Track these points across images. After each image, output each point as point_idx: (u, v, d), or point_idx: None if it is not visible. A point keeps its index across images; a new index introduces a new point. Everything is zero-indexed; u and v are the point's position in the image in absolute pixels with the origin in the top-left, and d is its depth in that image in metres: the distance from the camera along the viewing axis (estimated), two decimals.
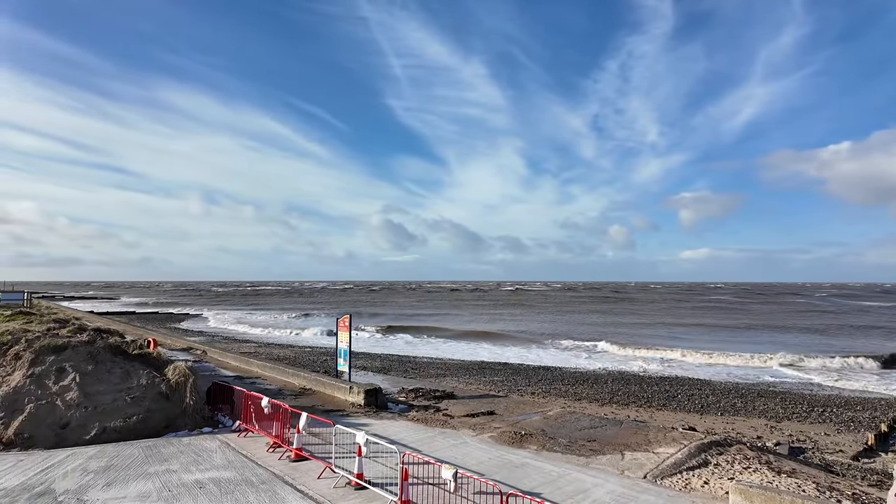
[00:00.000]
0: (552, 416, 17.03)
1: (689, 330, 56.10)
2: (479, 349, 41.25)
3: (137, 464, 11.49)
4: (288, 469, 11.23)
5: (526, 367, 31.85)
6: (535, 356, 36.96)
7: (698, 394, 24.13)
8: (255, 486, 10.17)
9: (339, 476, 10.47)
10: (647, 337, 48.21)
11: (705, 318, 71.74)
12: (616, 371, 30.99)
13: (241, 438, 13.74)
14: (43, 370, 14.06)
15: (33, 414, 13.13)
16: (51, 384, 13.84)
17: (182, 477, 10.66)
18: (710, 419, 19.54)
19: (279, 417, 12.79)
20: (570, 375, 28.87)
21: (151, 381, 14.82)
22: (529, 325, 61.37)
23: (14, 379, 13.74)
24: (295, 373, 23.18)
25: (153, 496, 9.65)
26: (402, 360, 34.61)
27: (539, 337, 47.80)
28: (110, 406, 13.93)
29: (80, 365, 14.46)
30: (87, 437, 13.25)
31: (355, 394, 18.62)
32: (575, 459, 12.05)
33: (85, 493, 9.78)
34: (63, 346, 14.87)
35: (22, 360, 14.22)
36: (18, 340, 14.87)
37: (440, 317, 74.36)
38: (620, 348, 40.19)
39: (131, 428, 13.78)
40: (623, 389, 24.93)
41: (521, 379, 27.51)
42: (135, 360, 15.58)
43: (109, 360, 15.03)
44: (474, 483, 9.36)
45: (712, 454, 12.11)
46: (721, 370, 31.67)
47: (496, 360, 35.65)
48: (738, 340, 46.46)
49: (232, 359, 28.98)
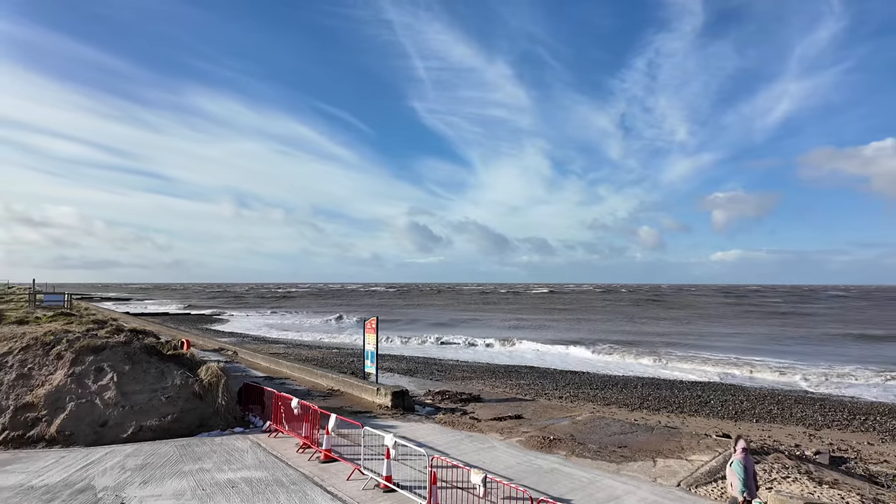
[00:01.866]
0: (581, 420, 16.80)
1: (756, 338, 50.06)
2: (522, 355, 40.98)
3: (172, 462, 11.76)
4: (317, 470, 11.34)
5: (553, 371, 31.52)
6: (622, 369, 36.04)
7: (732, 399, 23.48)
8: (285, 487, 10.30)
9: (368, 478, 10.52)
10: (718, 348, 42.26)
11: (769, 324, 66.43)
12: (647, 376, 30.41)
13: (271, 439, 13.94)
14: (83, 370, 14.54)
15: (74, 412, 13.58)
16: (90, 383, 14.30)
17: (215, 476, 10.87)
18: (744, 426, 18.98)
19: (309, 418, 12.93)
20: (599, 380, 28.45)
21: (185, 381, 15.17)
22: (585, 331, 60.12)
23: (56, 378, 14.23)
24: (323, 374, 23.44)
25: (187, 495, 9.86)
26: (427, 362, 34.65)
27: (612, 348, 42.15)
28: (146, 405, 14.31)
29: (118, 365, 14.90)
30: (125, 435, 13.64)
31: (382, 395, 18.71)
32: (605, 466, 11.85)
33: (123, 490, 10.06)
34: (101, 346, 15.35)
35: (63, 360, 14.73)
36: (60, 341, 15.40)
37: (475, 321, 74.17)
38: (712, 364, 33.83)
39: (166, 427, 14.13)
40: (653, 394, 24.43)
41: (548, 382, 27.23)
42: (169, 361, 15.97)
43: (145, 361, 15.45)
44: (503, 488, 9.28)
45: None
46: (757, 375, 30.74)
47: (523, 363, 35.39)
48: (818, 352, 40.37)
49: (262, 359, 29.48)
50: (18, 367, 14.55)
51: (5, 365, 14.60)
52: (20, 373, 14.41)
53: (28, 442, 13.12)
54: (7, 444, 13.01)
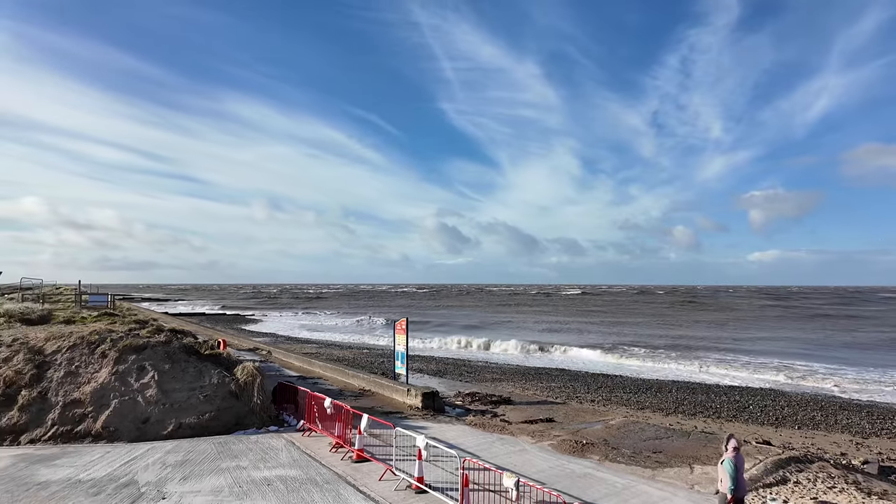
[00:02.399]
0: (614, 425, 16.53)
1: (799, 342, 47.08)
2: (551, 357, 40.65)
3: (210, 459, 12.08)
4: (350, 470, 11.47)
5: (584, 374, 31.10)
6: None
7: (772, 405, 22.71)
8: (319, 486, 10.45)
9: (400, 479, 10.58)
10: (758, 352, 39.96)
11: (813, 328, 62.88)
12: (681, 381, 29.70)
13: (305, 437, 14.17)
14: (126, 368, 15.08)
15: (118, 409, 14.10)
16: (132, 381, 14.82)
17: (251, 474, 11.11)
18: (786, 433, 18.33)
19: (341, 418, 13.10)
20: (632, 383, 27.93)
21: (222, 380, 15.57)
22: (618, 334, 59.34)
23: (101, 376, 14.80)
24: (354, 374, 23.71)
25: (225, 491, 10.11)
26: (457, 363, 34.65)
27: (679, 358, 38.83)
28: (185, 403, 14.74)
29: (159, 364, 15.40)
30: (165, 432, 14.08)
31: (413, 396, 18.80)
32: (640, 471, 11.62)
33: (164, 485, 10.39)
34: (143, 345, 15.89)
35: (108, 359, 15.30)
36: (104, 340, 16.01)
37: (506, 323, 73.89)
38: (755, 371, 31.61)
39: (204, 425, 14.52)
40: (689, 399, 23.84)
41: (579, 385, 26.88)
42: (207, 360, 16.41)
43: (184, 360, 15.92)
44: (536, 492, 9.20)
45: (791, 471, 11.35)
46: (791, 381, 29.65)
47: (553, 365, 35.05)
48: (865, 357, 37.48)
49: (295, 359, 30.02)
50: (66, 365, 15.19)
51: (54, 363, 15.26)
52: (68, 370, 15.04)
53: (75, 437, 13.68)
54: (56, 438, 13.59)
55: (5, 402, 14.13)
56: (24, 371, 14.77)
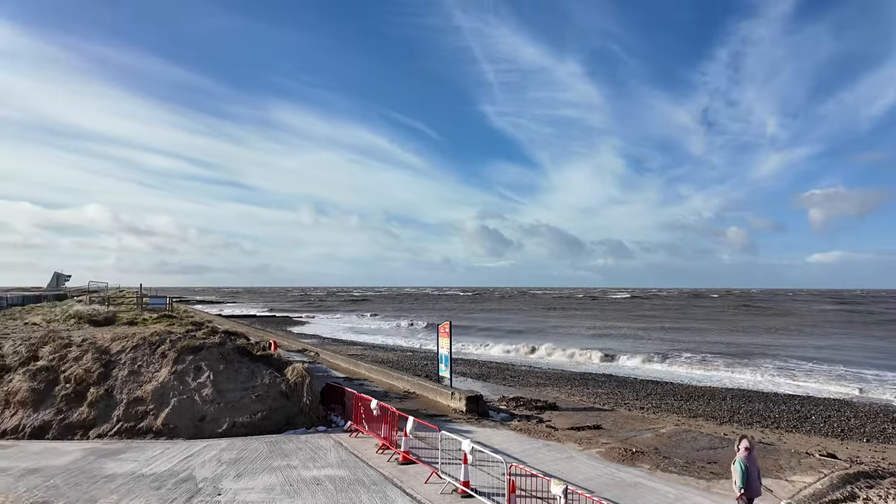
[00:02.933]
0: (665, 433, 16.01)
1: (869, 349, 43.53)
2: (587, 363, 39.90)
3: (262, 458, 12.47)
4: (396, 472, 11.58)
5: (632, 380, 30.30)
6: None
7: (836, 416, 21.42)
8: (366, 487, 10.61)
9: (446, 482, 10.60)
10: (822, 359, 37.26)
11: (884, 334, 57.95)
12: (736, 388, 28.48)
13: (352, 438, 14.42)
14: (184, 368, 15.78)
15: (176, 407, 14.77)
16: (190, 381, 15.49)
17: (301, 473, 11.40)
18: (853, 445, 17.24)
19: (387, 420, 13.25)
20: (683, 390, 26.99)
21: (273, 380, 16.05)
22: (671, 340, 57.77)
23: (161, 375, 15.55)
24: (399, 376, 23.95)
25: (277, 490, 10.42)
26: (500, 367, 34.45)
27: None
28: (238, 403, 15.29)
29: (214, 364, 16.04)
30: (220, 430, 14.64)
31: (457, 400, 18.81)
32: (693, 482, 11.21)
33: (220, 482, 10.80)
34: (199, 346, 16.59)
35: (167, 359, 16.06)
36: (164, 341, 16.81)
37: (554, 329, 73.02)
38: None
39: (256, 424, 15.01)
40: (745, 407, 22.82)
41: (627, 392, 26.19)
42: (258, 361, 16.97)
43: (237, 361, 16.52)
44: (585, 501, 9.01)
45: (860, 487, 10.68)
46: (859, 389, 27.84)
47: (600, 371, 34.33)
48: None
49: (341, 361, 30.61)
50: (130, 365, 16.04)
51: (119, 362, 16.15)
52: (131, 369, 15.87)
53: (138, 433, 14.42)
54: (121, 434, 14.37)
55: (76, 398, 15.06)
56: (92, 370, 15.70)
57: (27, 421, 14.58)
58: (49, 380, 15.47)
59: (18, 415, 14.73)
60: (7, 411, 14.86)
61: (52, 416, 14.67)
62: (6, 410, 14.88)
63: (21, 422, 14.56)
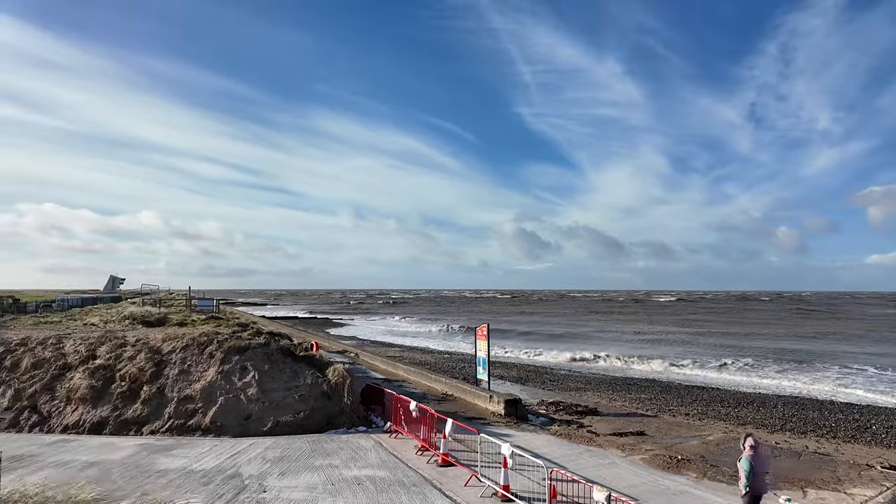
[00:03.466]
0: (712, 441, 15.47)
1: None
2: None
3: (305, 456, 12.75)
4: (436, 473, 11.62)
5: (677, 386, 29.40)
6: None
7: None
8: (406, 488, 10.68)
9: (486, 486, 10.56)
10: (888, 366, 34.24)
11: None
12: (788, 395, 27.23)
13: (391, 439, 14.56)
14: (230, 368, 16.32)
15: (223, 406, 15.27)
16: (236, 380, 16.00)
17: (343, 473, 11.59)
18: None
19: (426, 421, 13.32)
20: (731, 396, 26.00)
21: (315, 380, 16.39)
22: (720, 346, 55.87)
23: (209, 374, 16.12)
24: (437, 378, 24.03)
25: (319, 488, 10.62)
26: (539, 370, 34.08)
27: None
28: (282, 402, 15.68)
29: (259, 364, 16.52)
30: (264, 428, 15.05)
31: (495, 403, 18.72)
32: None
33: (265, 479, 11.10)
34: (245, 347, 17.12)
35: (214, 359, 16.65)
36: (212, 341, 17.43)
37: (596, 334, 71.76)
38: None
39: (299, 423, 15.35)
40: (798, 415, 21.77)
41: (671, 398, 25.44)
42: (301, 362, 17.37)
43: (281, 361, 16.96)
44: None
45: None
46: None
47: (642, 375, 33.49)
48: None
49: (381, 362, 30.97)
50: (180, 364, 16.70)
51: (170, 362, 16.84)
52: (181, 369, 16.53)
53: (188, 430, 14.99)
54: (172, 430, 14.97)
55: (130, 396, 15.80)
56: (145, 369, 16.43)
57: (87, 416, 15.39)
58: (106, 378, 16.29)
59: (79, 411, 15.57)
60: (69, 407, 15.73)
61: (108, 413, 15.44)
62: (68, 406, 15.76)
63: (81, 417, 15.39)
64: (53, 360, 17.22)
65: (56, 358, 17.34)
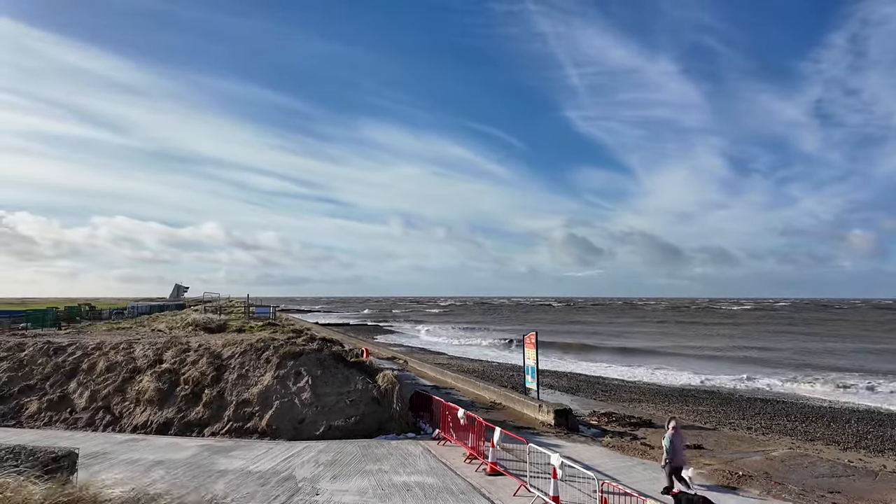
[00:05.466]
0: (777, 457, 14.66)
1: None
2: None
3: (356, 461, 13.01)
4: (484, 482, 11.58)
5: (738, 398, 28.02)
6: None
7: None
8: (455, 495, 10.71)
9: (535, 496, 10.44)
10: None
11: None
12: (862, 409, 25.42)
13: (440, 446, 14.63)
14: (285, 373, 16.89)
15: (279, 409, 15.82)
16: (291, 385, 16.54)
17: (392, 478, 11.75)
18: None
19: (474, 430, 13.30)
20: (798, 410, 24.53)
21: (365, 386, 16.72)
22: (806, 354, 52.38)
23: (265, 379, 16.75)
24: (485, 386, 23.95)
25: (369, 493, 10.81)
26: (590, 380, 33.30)
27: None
28: (334, 407, 16.08)
29: (312, 369, 17.01)
30: (317, 432, 15.46)
31: (545, 413, 18.46)
32: None
33: (317, 482, 11.41)
34: (299, 352, 17.69)
35: (271, 364, 17.28)
36: (268, 347, 18.11)
37: (665, 350, 69.22)
38: None
39: (350, 428, 15.69)
40: (874, 432, 20.28)
41: (732, 410, 24.27)
42: (352, 367, 17.76)
43: (333, 367, 17.40)
44: None
45: None
46: None
47: (701, 387, 32.12)
48: None
49: (429, 369, 31.18)
50: (238, 369, 17.45)
51: (229, 366, 17.62)
52: (240, 373, 17.26)
53: (245, 433, 15.61)
54: (231, 433, 15.63)
55: (192, 398, 16.63)
56: (206, 373, 17.26)
57: (154, 417, 16.32)
58: (171, 381, 17.22)
59: (147, 412, 16.53)
60: (138, 408, 16.73)
61: (173, 414, 16.30)
62: (137, 407, 16.76)
63: (149, 418, 16.33)
64: (125, 364, 18.37)
65: (127, 362, 18.50)
